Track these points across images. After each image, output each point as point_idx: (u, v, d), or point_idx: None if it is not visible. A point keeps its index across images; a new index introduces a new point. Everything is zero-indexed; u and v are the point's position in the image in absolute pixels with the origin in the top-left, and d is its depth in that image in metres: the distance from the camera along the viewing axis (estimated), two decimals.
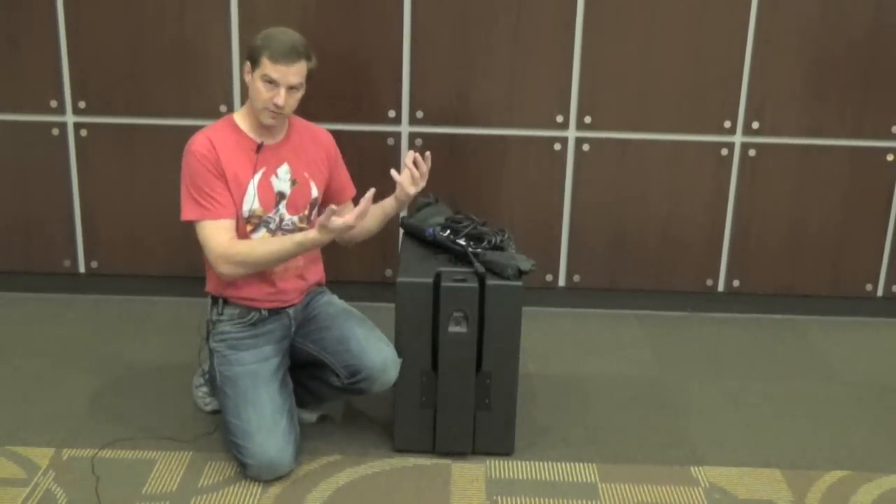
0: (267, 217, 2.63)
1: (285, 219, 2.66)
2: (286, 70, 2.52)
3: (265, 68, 2.52)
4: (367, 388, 2.62)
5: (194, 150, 2.56)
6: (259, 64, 2.53)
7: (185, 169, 2.58)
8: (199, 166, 2.55)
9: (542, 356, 3.34)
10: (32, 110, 3.54)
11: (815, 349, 3.51)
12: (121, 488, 2.52)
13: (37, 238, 3.69)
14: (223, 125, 2.65)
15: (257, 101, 2.56)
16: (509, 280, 2.60)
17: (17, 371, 3.13)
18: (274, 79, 2.52)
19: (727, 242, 3.69)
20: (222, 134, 2.61)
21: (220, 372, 2.65)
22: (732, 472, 2.69)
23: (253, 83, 2.56)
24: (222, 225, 2.56)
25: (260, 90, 2.54)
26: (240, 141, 2.62)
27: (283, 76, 2.52)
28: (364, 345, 2.61)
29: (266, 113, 2.57)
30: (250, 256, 2.56)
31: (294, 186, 2.67)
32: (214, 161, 2.55)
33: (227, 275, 2.57)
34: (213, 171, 2.55)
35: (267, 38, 2.55)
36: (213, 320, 2.70)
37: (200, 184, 2.55)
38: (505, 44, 3.47)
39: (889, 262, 3.72)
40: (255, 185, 2.60)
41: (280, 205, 2.65)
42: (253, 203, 2.60)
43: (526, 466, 2.69)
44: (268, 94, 2.53)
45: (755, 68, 3.49)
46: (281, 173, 2.65)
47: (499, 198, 3.63)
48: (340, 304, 2.81)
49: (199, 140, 2.58)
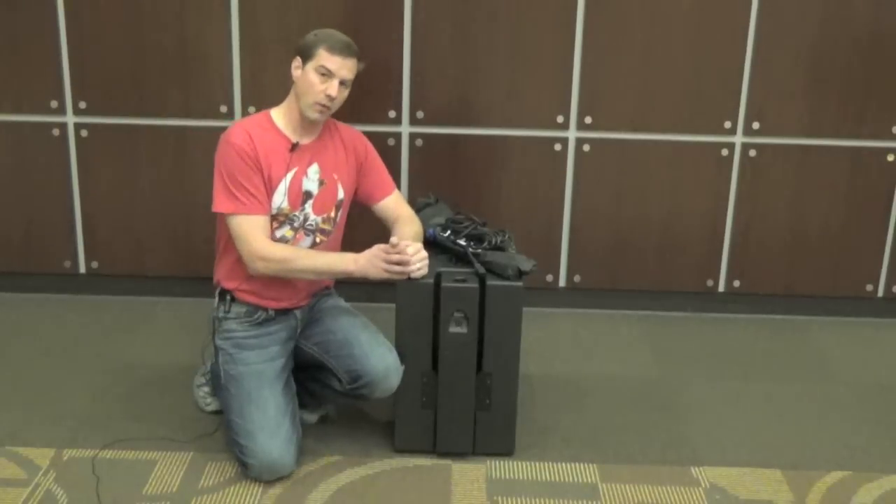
0: (292, 215, 2.64)
1: (310, 218, 2.67)
2: (342, 62, 2.56)
3: (321, 59, 2.54)
4: (369, 394, 2.62)
5: (234, 142, 2.55)
6: (313, 56, 2.55)
7: (223, 160, 2.57)
8: (238, 159, 2.54)
9: (542, 356, 3.34)
10: (33, 110, 3.54)
11: (816, 349, 3.51)
12: (121, 489, 2.52)
13: (37, 238, 3.69)
14: (260, 120, 2.65)
15: (308, 93, 2.57)
16: (510, 280, 2.60)
17: (18, 371, 3.13)
18: (330, 70, 2.55)
19: (727, 243, 3.69)
20: (259, 129, 2.61)
21: (225, 371, 2.65)
22: (733, 472, 2.69)
23: (305, 76, 2.57)
24: (259, 222, 2.57)
25: (313, 82, 2.55)
26: (276, 138, 2.62)
27: (339, 68, 2.55)
28: (367, 350, 2.60)
29: (315, 107, 2.58)
30: (288, 264, 2.58)
31: (322, 187, 2.67)
32: (253, 156, 2.55)
33: (258, 272, 2.58)
34: (252, 165, 2.55)
35: (322, 34, 2.60)
36: (219, 317, 2.70)
37: (239, 177, 2.54)
38: (505, 44, 3.47)
39: (889, 263, 3.72)
40: (286, 184, 2.61)
41: (306, 204, 2.65)
42: (282, 202, 2.61)
43: (526, 467, 2.69)
44: (322, 85, 2.55)
45: (755, 68, 3.49)
46: (311, 173, 2.65)
47: (499, 198, 3.63)
48: (346, 308, 2.81)
49: (238, 133, 2.57)
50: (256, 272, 2.58)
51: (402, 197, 2.90)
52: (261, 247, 2.56)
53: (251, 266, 2.58)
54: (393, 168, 3.50)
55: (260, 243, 2.56)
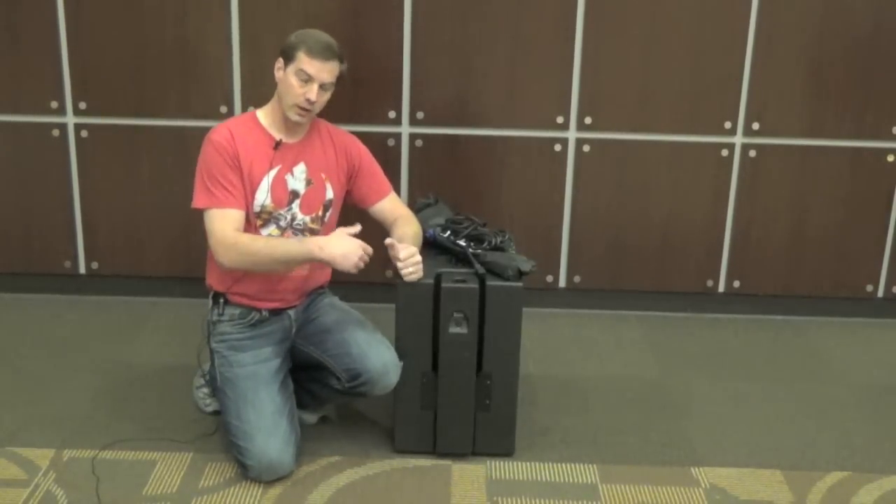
0: (278, 214, 2.63)
1: (297, 218, 2.66)
2: (321, 66, 2.54)
3: (301, 63, 2.54)
4: (368, 392, 2.62)
5: (213, 139, 2.57)
6: (294, 59, 2.55)
7: (202, 157, 2.59)
8: (216, 155, 2.55)
9: (542, 357, 3.35)
10: (33, 111, 3.54)
11: (816, 350, 3.51)
12: (121, 489, 2.52)
13: (37, 239, 3.69)
14: (245, 120, 2.66)
15: (288, 96, 2.57)
16: (510, 281, 2.60)
17: (18, 372, 3.14)
18: (309, 74, 2.54)
19: (727, 243, 3.69)
20: (243, 128, 2.62)
21: (221, 373, 2.65)
22: (733, 472, 2.69)
23: (286, 79, 2.57)
24: (229, 214, 2.56)
25: (293, 85, 2.55)
26: (259, 136, 2.62)
27: (318, 72, 2.54)
28: (365, 348, 2.60)
29: (295, 110, 2.58)
30: (249, 248, 2.54)
31: (309, 186, 2.67)
32: (232, 152, 2.56)
33: (225, 265, 2.56)
34: (229, 161, 2.55)
35: (303, 35, 2.59)
36: (213, 321, 2.70)
37: (214, 173, 2.55)
38: (505, 44, 3.47)
39: (889, 263, 3.71)
40: (269, 181, 2.60)
41: (293, 203, 2.65)
42: (265, 199, 2.61)
43: (526, 467, 2.69)
44: (301, 89, 2.55)
45: (755, 69, 3.49)
46: (297, 172, 2.65)
47: (499, 198, 3.63)
48: (342, 306, 2.81)
49: (220, 131, 2.59)
50: (222, 265, 2.56)
51: (399, 198, 2.90)
52: (222, 233, 2.53)
53: (217, 258, 2.56)
54: (393, 168, 3.51)
55: (223, 231, 2.53)
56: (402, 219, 2.77)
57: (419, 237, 2.73)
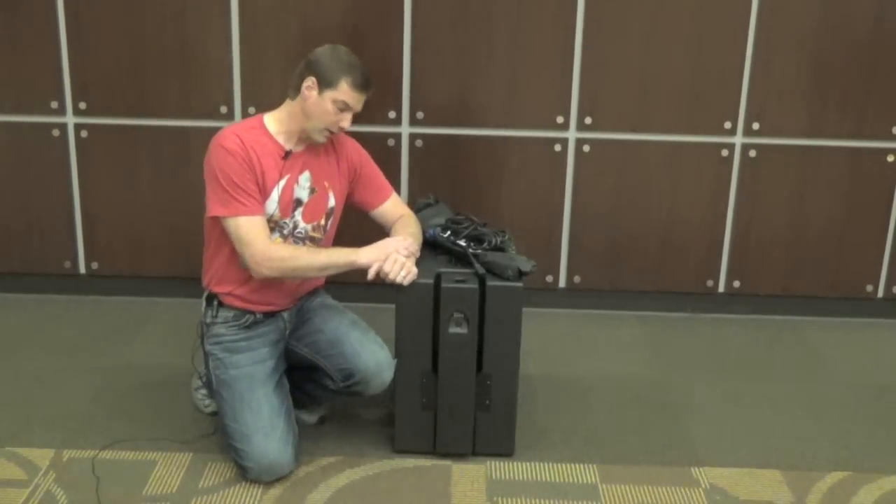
0: (282, 222, 2.63)
1: (299, 226, 2.65)
2: (361, 98, 2.57)
3: (342, 93, 2.53)
4: (363, 391, 2.62)
5: (227, 145, 2.52)
6: (334, 86, 2.52)
7: (217, 164, 2.52)
8: (234, 162, 2.51)
9: (542, 357, 3.34)
10: (33, 111, 3.54)
11: (816, 350, 3.51)
12: (121, 489, 2.52)
13: (37, 239, 3.69)
14: (251, 126, 2.62)
15: (320, 120, 2.56)
16: (510, 281, 2.60)
17: (18, 372, 3.13)
18: (349, 105, 2.54)
19: (727, 243, 3.69)
20: (251, 135, 2.58)
21: (216, 376, 2.64)
22: (733, 472, 2.69)
23: (320, 103, 2.54)
24: (261, 223, 2.55)
25: (328, 111, 2.54)
26: (267, 145, 2.59)
27: (357, 103, 2.57)
28: (358, 348, 2.60)
29: (325, 133, 2.58)
30: (294, 261, 2.56)
31: (312, 195, 2.66)
32: (248, 159, 2.53)
33: (262, 275, 2.55)
34: (247, 168, 2.53)
35: (345, 64, 2.55)
36: (207, 323, 2.70)
37: (235, 179, 2.51)
38: (505, 44, 3.47)
39: (889, 263, 3.72)
40: (279, 191, 2.59)
41: (296, 212, 2.64)
42: (275, 210, 2.59)
43: (526, 467, 2.69)
44: (335, 116, 2.55)
45: (755, 69, 3.49)
46: (302, 181, 2.64)
47: (499, 199, 3.63)
48: (334, 306, 2.80)
49: (230, 137, 2.54)
50: (261, 275, 2.55)
51: (399, 198, 2.90)
52: (265, 248, 2.53)
53: (256, 269, 2.54)
54: (392, 168, 3.51)
55: (264, 244, 2.53)
56: (402, 219, 2.78)
57: (418, 236, 2.73)
